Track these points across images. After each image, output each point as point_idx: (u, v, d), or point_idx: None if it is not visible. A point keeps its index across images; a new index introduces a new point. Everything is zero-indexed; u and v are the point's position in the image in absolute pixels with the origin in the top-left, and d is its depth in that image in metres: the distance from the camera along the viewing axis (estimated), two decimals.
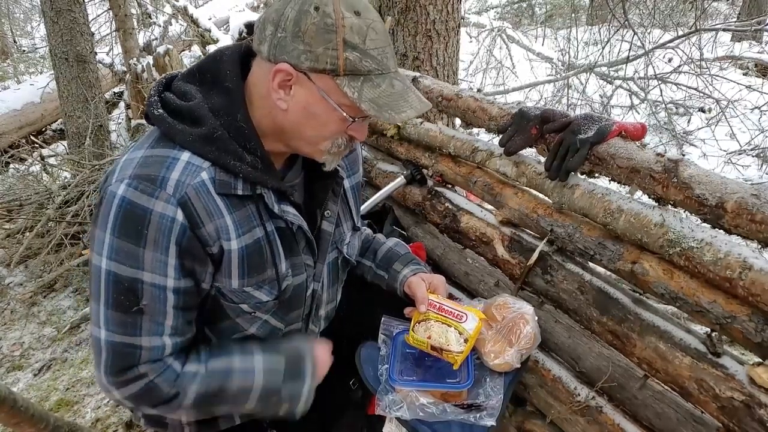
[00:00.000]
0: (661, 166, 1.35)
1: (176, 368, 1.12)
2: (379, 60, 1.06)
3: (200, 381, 1.13)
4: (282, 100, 1.08)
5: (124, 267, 1.04)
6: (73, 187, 3.92)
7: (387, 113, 1.06)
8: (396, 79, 1.10)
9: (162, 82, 1.18)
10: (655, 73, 5.70)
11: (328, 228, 1.32)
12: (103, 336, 1.08)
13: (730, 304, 1.22)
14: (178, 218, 1.03)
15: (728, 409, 1.23)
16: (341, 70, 1.03)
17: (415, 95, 1.12)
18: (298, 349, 1.25)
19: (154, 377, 1.10)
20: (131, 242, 1.03)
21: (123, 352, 1.08)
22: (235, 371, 1.16)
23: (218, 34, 6.56)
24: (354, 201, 1.45)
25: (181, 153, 1.07)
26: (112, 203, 1.03)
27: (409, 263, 1.56)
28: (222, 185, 1.09)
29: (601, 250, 1.50)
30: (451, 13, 3.06)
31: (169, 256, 1.05)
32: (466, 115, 1.95)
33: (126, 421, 2.32)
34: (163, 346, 1.10)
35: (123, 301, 1.06)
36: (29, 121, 6.21)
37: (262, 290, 1.20)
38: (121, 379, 1.09)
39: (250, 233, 1.14)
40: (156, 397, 1.11)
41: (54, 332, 3.02)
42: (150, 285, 1.05)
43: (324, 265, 1.33)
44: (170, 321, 1.10)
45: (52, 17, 4.55)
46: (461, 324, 1.41)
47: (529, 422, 1.71)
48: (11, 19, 12.26)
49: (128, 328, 1.07)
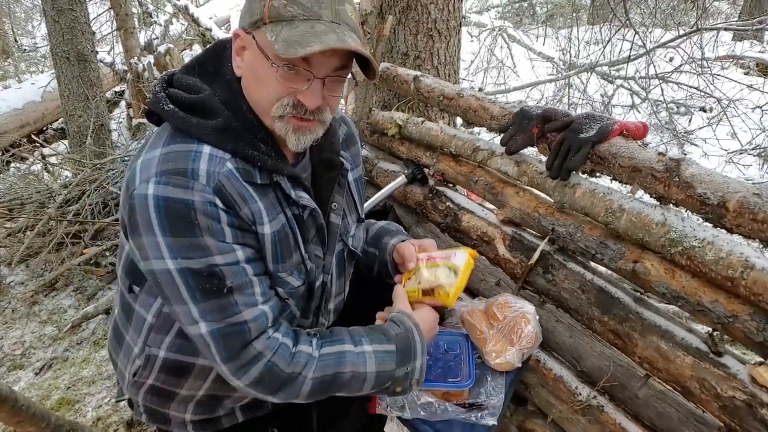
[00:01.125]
0: (663, 165, 1.35)
1: (288, 345, 1.14)
2: (307, 6, 1.04)
3: (315, 367, 1.14)
4: (239, 67, 1.11)
5: (195, 260, 1.04)
6: (74, 186, 3.92)
7: (293, 48, 1.01)
8: (321, 23, 1.04)
9: (164, 79, 1.18)
10: (657, 72, 5.69)
11: (336, 220, 1.33)
12: (204, 329, 1.08)
13: (732, 304, 1.22)
14: (218, 204, 1.04)
15: (730, 408, 1.23)
16: (266, 17, 1.04)
17: (336, 35, 1.03)
18: (407, 332, 1.24)
19: (270, 356, 1.11)
20: (188, 235, 1.03)
21: (232, 333, 1.09)
22: (347, 359, 1.17)
23: (219, 33, 6.56)
24: (358, 193, 1.46)
25: (202, 146, 1.07)
26: (147, 205, 1.02)
27: (398, 233, 1.56)
28: (245, 174, 1.10)
29: (603, 250, 1.50)
30: (452, 12, 3.06)
31: (226, 235, 1.06)
32: (467, 115, 1.95)
33: (127, 420, 2.32)
34: (264, 314, 1.12)
35: (210, 288, 1.06)
36: (30, 120, 6.21)
37: (293, 275, 1.22)
38: (241, 362, 1.10)
39: (276, 219, 1.16)
40: (276, 379, 1.12)
41: (55, 331, 3.02)
42: (225, 265, 1.06)
43: (332, 256, 1.34)
44: (258, 288, 1.12)
45: (53, 16, 4.55)
46: (450, 261, 1.37)
47: (530, 422, 1.71)
48: (12, 18, 12.27)
49: (227, 310, 1.08)
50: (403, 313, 1.29)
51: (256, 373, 1.11)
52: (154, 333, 1.24)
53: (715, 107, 6.02)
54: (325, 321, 1.42)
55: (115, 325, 1.35)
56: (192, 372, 1.27)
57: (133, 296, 1.25)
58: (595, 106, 6.12)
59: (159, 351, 1.25)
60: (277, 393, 1.14)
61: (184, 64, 1.21)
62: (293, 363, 1.13)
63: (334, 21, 1.06)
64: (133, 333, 1.29)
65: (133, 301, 1.26)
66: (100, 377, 2.62)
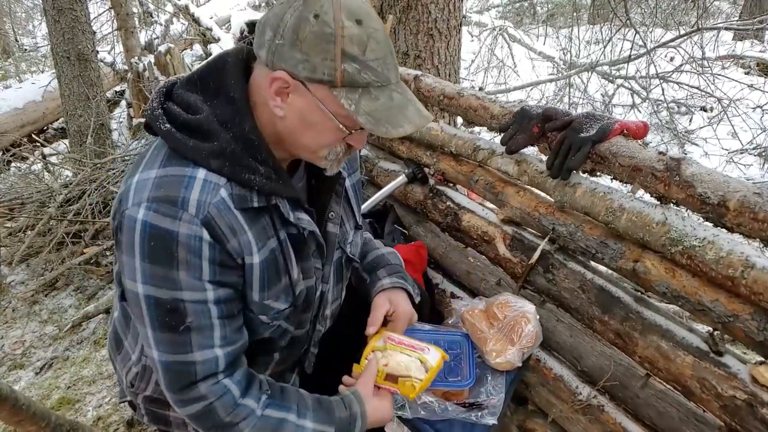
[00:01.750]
0: (663, 164, 1.35)
1: (235, 394, 1.13)
2: (379, 72, 1.03)
3: (253, 425, 1.14)
4: (279, 108, 1.07)
5: (163, 290, 1.04)
6: (74, 185, 3.92)
7: (384, 127, 1.04)
8: (396, 92, 1.07)
9: (162, 92, 1.15)
10: (657, 72, 5.69)
11: (333, 230, 1.31)
12: (156, 357, 1.09)
13: (732, 303, 1.22)
14: (204, 237, 1.03)
15: (730, 408, 1.23)
16: (338, 81, 1.01)
17: (414, 108, 1.09)
18: (350, 419, 1.23)
19: (213, 400, 1.11)
20: (164, 266, 1.02)
21: (179, 370, 1.09)
22: (286, 429, 1.16)
23: (219, 33, 6.56)
24: (355, 199, 1.44)
25: (197, 170, 1.05)
26: (134, 229, 1.01)
27: (393, 274, 1.52)
28: (240, 200, 1.08)
29: (603, 249, 1.49)
30: (452, 12, 3.06)
31: (203, 272, 1.05)
32: (467, 114, 1.95)
33: (127, 420, 2.32)
34: (216, 359, 1.11)
35: (169, 322, 1.06)
36: (31, 119, 6.21)
37: (279, 300, 1.20)
38: (183, 397, 1.11)
39: (266, 246, 1.14)
40: (213, 421, 1.12)
41: (55, 331, 3.02)
42: (191, 302, 1.05)
43: (331, 266, 1.33)
44: (218, 332, 1.10)
45: (53, 16, 4.55)
46: (422, 354, 1.34)
47: (531, 421, 1.71)
48: (13, 17, 12.27)
49: (180, 347, 1.08)
50: (357, 395, 1.27)
51: (194, 411, 1.12)
52: None
53: (715, 107, 6.02)
54: (322, 327, 1.41)
55: (114, 328, 1.35)
56: None
57: (127, 303, 1.25)
58: (596, 105, 6.12)
59: None
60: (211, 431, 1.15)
61: (186, 76, 1.17)
62: (233, 413, 1.12)
63: (399, 82, 1.09)
64: (131, 340, 1.29)
65: (129, 308, 1.25)
66: (100, 377, 2.62)
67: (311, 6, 1.00)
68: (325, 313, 1.39)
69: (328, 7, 0.99)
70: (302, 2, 1.00)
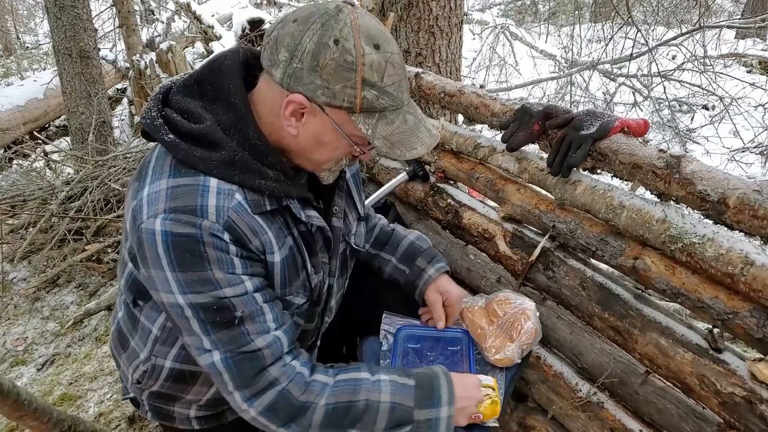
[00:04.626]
0: (664, 162, 1.35)
1: (305, 374, 1.13)
2: (395, 96, 1.05)
3: (329, 393, 1.13)
4: (293, 127, 1.08)
5: (204, 294, 1.04)
6: (76, 182, 3.93)
7: (399, 150, 1.08)
8: (409, 113, 1.10)
9: (158, 98, 1.13)
10: (659, 70, 5.68)
11: (338, 224, 1.33)
12: (218, 358, 1.08)
13: (732, 300, 1.22)
14: (226, 239, 1.04)
15: (729, 404, 1.23)
16: (358, 108, 1.03)
17: (425, 129, 1.12)
18: (430, 374, 1.22)
19: (286, 383, 1.10)
20: (196, 269, 1.02)
21: (246, 360, 1.09)
22: (362, 386, 1.15)
23: (221, 30, 6.57)
24: (356, 190, 1.46)
25: (208, 179, 1.05)
26: (155, 241, 1.01)
27: (433, 260, 1.58)
28: (255, 205, 1.08)
29: (603, 246, 1.50)
30: (453, 9, 3.06)
31: (235, 267, 1.06)
32: (468, 111, 1.95)
33: (129, 416, 2.33)
34: (279, 340, 1.11)
35: (221, 321, 1.06)
36: (33, 117, 6.23)
37: (299, 295, 1.22)
38: (255, 389, 1.10)
39: (285, 245, 1.15)
40: (289, 406, 1.11)
41: (57, 327, 3.03)
42: (235, 296, 1.06)
43: (336, 259, 1.35)
44: (269, 315, 1.11)
45: (55, 13, 4.55)
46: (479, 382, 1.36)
47: (531, 418, 1.71)
48: (15, 15, 12.28)
49: (240, 339, 1.08)
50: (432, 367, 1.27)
51: (269, 399, 1.10)
52: (159, 345, 1.24)
53: (717, 105, 6.02)
54: (328, 319, 1.43)
55: (119, 327, 1.35)
56: (198, 379, 1.28)
57: (138, 309, 1.25)
58: (598, 104, 6.11)
59: (165, 361, 1.25)
60: (287, 424, 1.12)
61: (182, 80, 1.15)
62: (308, 391, 1.11)
63: (410, 102, 1.12)
64: (138, 340, 1.29)
65: (138, 313, 1.26)
66: (102, 373, 2.63)
67: (330, 31, 0.99)
68: (331, 305, 1.40)
69: (347, 33, 0.99)
70: (320, 26, 1.00)
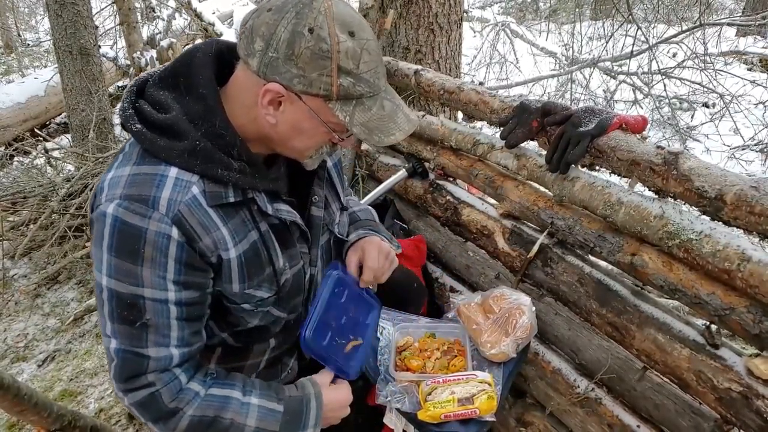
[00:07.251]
0: (662, 158, 1.35)
1: (182, 380, 1.14)
2: (372, 82, 1.06)
3: (197, 405, 1.13)
4: (271, 116, 1.08)
5: (124, 284, 1.05)
6: (76, 179, 3.93)
7: (377, 136, 1.08)
8: (386, 99, 1.10)
9: (133, 90, 1.15)
10: (659, 67, 5.67)
11: (318, 213, 1.32)
12: (114, 346, 1.10)
13: (729, 296, 1.23)
14: (174, 236, 1.04)
15: (726, 400, 1.24)
16: (334, 95, 1.03)
17: (403, 114, 1.13)
18: (302, 398, 1.23)
19: (159, 387, 1.11)
20: (129, 261, 1.04)
21: (131, 360, 1.09)
22: (231, 406, 1.15)
23: (222, 28, 6.56)
24: (338, 179, 1.45)
25: (169, 169, 1.06)
26: (104, 223, 1.03)
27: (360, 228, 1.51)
28: (213, 197, 1.08)
29: (601, 243, 1.50)
30: (453, 7, 3.06)
31: (168, 271, 1.06)
32: (467, 108, 1.95)
33: (128, 412, 2.33)
34: (171, 357, 1.11)
35: (127, 316, 1.07)
36: (33, 114, 6.22)
37: (262, 288, 1.21)
38: (130, 386, 1.11)
39: (246, 239, 1.15)
40: (157, 409, 1.12)
41: (58, 324, 3.04)
42: (151, 300, 1.06)
43: (318, 249, 1.34)
44: (175, 332, 1.11)
45: (56, 10, 4.55)
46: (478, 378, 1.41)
47: (529, 414, 1.72)
48: (16, 12, 12.27)
49: (135, 340, 1.08)
50: (310, 379, 1.27)
51: (140, 397, 1.11)
52: None
53: (717, 103, 6.01)
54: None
55: None
56: None
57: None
58: (598, 101, 6.10)
59: None
60: (155, 422, 1.13)
61: (159, 72, 1.16)
62: (178, 399, 1.12)
63: (387, 88, 1.12)
64: None
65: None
66: (102, 369, 2.64)
67: (305, 19, 1.00)
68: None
69: (322, 21, 1.00)
70: (295, 15, 1.00)
